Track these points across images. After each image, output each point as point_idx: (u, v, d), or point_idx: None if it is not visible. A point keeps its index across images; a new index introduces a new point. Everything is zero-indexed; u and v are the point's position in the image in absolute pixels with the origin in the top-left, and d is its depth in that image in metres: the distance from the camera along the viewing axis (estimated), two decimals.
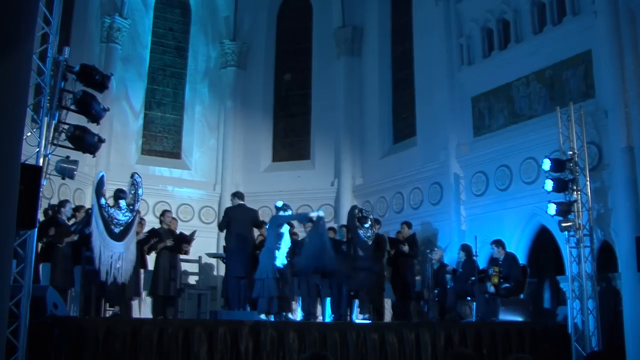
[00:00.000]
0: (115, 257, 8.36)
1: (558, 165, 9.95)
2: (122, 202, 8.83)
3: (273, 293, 9.21)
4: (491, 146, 12.24)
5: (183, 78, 17.18)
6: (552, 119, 10.41)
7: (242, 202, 10.63)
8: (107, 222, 8.44)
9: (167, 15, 17.22)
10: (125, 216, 8.68)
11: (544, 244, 11.43)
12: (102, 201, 8.55)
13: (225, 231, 10.69)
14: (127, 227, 8.65)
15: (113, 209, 8.60)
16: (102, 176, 8.73)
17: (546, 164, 9.98)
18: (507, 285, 10.12)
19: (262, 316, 9.09)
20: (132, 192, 8.90)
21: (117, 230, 8.53)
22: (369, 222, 10.32)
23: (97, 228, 8.31)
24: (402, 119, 15.48)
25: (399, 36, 15.93)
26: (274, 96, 17.57)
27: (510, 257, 10.45)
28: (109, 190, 13.73)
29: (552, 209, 9.77)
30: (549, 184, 9.85)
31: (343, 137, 16.18)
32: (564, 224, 9.76)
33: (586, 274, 9.63)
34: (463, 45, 13.24)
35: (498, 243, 10.56)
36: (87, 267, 8.69)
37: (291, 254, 9.92)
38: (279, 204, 9.95)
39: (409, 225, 11.99)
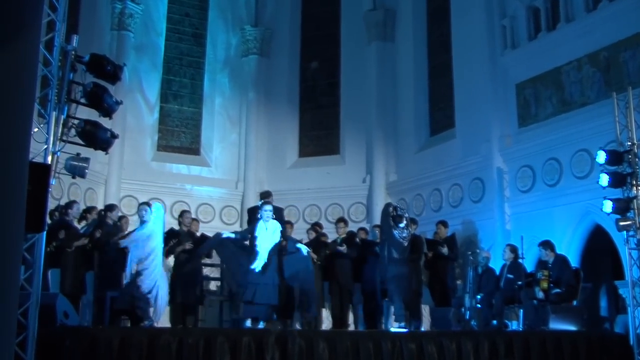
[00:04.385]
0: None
1: (614, 157, 9.75)
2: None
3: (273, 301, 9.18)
4: (538, 137, 12.12)
5: (201, 67, 17.28)
6: (608, 106, 10.19)
7: (266, 201, 10.59)
8: None
9: (183, 0, 17.30)
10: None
11: (599, 245, 11.28)
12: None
13: None
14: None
15: None
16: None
17: (601, 157, 9.78)
18: (558, 290, 9.95)
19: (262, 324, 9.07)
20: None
21: None
22: (405, 222, 10.19)
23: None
24: (440, 109, 15.39)
25: (435, 18, 15.81)
26: (300, 86, 17.58)
27: (561, 260, 10.28)
28: (123, 190, 13.86)
29: (608, 206, 9.57)
30: (604, 179, 9.65)
31: (375, 129, 16.12)
32: (622, 223, 9.55)
33: None
34: (506, 27, 13.12)
35: (546, 245, 10.40)
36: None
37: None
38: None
39: (445, 224, 11.91)
